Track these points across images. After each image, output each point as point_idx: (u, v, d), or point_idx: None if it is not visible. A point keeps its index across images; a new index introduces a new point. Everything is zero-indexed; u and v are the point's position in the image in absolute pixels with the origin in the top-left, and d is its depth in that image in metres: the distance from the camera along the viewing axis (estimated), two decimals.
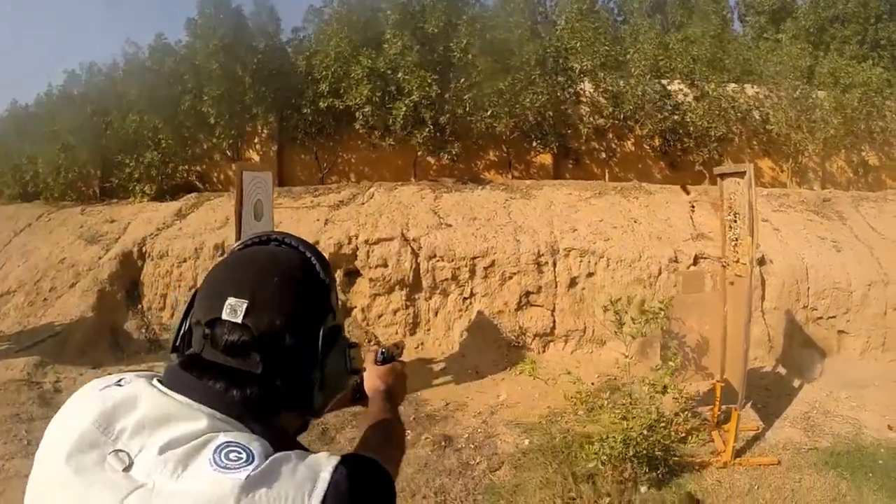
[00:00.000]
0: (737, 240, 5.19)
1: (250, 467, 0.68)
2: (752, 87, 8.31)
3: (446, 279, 7.10)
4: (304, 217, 8.02)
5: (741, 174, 4.94)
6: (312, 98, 8.66)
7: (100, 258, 7.93)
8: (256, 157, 9.90)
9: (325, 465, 0.72)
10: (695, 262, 7.01)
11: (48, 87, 10.47)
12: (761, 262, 6.87)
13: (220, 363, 0.79)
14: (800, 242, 7.27)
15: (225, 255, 0.89)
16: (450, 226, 7.47)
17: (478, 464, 4.91)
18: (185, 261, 7.72)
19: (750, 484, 4.44)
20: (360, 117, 8.30)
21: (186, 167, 9.87)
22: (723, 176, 5.33)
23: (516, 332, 6.95)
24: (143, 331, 7.46)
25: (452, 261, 7.06)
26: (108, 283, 7.59)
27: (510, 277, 7.01)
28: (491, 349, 6.92)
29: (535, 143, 8.46)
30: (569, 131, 8.39)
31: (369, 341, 7.09)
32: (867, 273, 7.01)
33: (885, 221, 7.76)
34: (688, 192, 7.99)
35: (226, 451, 0.70)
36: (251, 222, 5.40)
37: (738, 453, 4.75)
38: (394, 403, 1.18)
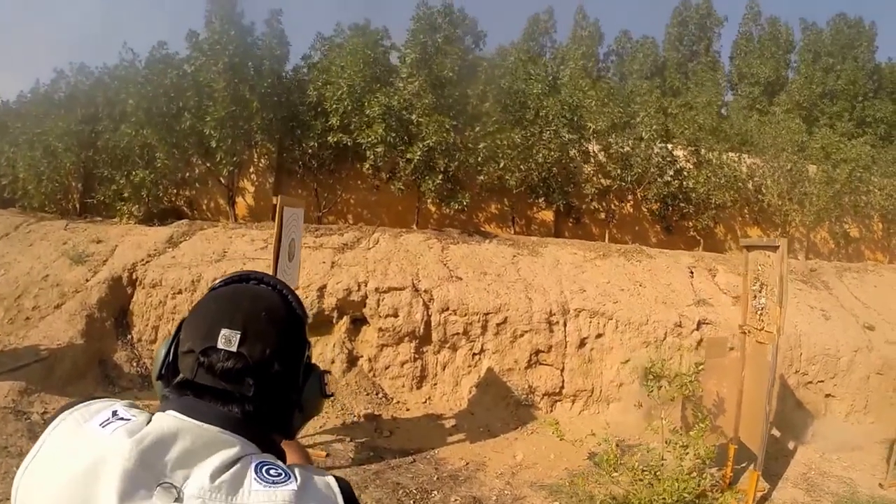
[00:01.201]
0: (762, 309, 5.59)
1: (292, 481, 0.81)
2: (748, 158, 8.91)
3: (457, 333, 7.22)
4: (309, 258, 7.98)
5: (772, 248, 5.36)
6: (321, 131, 8.61)
7: (87, 280, 7.68)
8: (251, 188, 9.77)
9: (327, 477, 0.87)
10: (697, 328, 7.42)
11: (35, 83, 10.02)
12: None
13: (212, 386, 0.88)
14: (792, 310, 7.80)
15: (209, 291, 0.98)
16: (460, 279, 7.61)
17: None
18: (179, 292, 7.57)
19: None
20: (371, 157, 8.28)
21: (175, 191, 9.64)
22: (749, 248, 5.75)
23: (525, 391, 7.13)
24: (135, 364, 7.26)
25: (465, 315, 7.20)
26: (97, 309, 7.33)
27: (521, 335, 7.21)
28: (500, 407, 7.07)
29: (539, 199, 8.73)
30: (573, 189, 8.72)
31: (377, 394, 7.11)
32: (853, 340, 7.62)
33: (867, 291, 8.45)
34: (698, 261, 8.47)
35: (264, 468, 0.81)
36: (284, 261, 5.41)
37: None
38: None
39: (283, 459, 0.91)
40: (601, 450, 6.01)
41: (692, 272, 8.17)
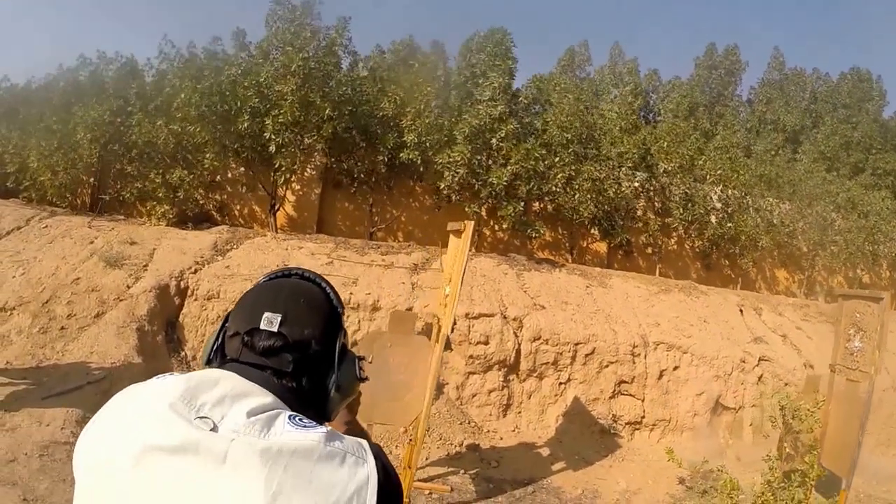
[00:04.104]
0: (857, 350, 6.58)
1: (323, 427, 0.91)
2: (784, 204, 10.09)
3: (546, 363, 7.71)
4: (385, 278, 8.17)
5: (874, 299, 6.38)
6: (392, 146, 8.80)
7: (128, 287, 7.39)
8: (291, 197, 9.74)
9: (360, 438, 0.97)
10: (758, 364, 8.38)
11: (58, 67, 9.46)
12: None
13: (257, 363, 1.00)
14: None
15: (254, 285, 1.13)
16: (543, 307, 8.11)
17: None
18: None
19: None
20: (448, 178, 8.56)
21: (208, 194, 9.43)
22: (846, 297, 6.75)
23: (609, 420, 7.76)
24: None
25: (556, 345, 7.70)
26: (147, 321, 7.13)
27: (607, 366, 7.82)
28: (586, 435, 7.62)
29: (593, 230, 9.40)
30: (633, 225, 9.50)
31: (468, 423, 7.45)
32: (881, 380, 8.91)
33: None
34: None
35: (297, 418, 0.91)
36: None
37: None
38: (353, 412, 1.40)
39: None
40: (688, 475, 6.89)
41: (741, 310, 9.17)
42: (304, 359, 1.03)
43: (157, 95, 9.23)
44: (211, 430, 0.86)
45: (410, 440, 5.76)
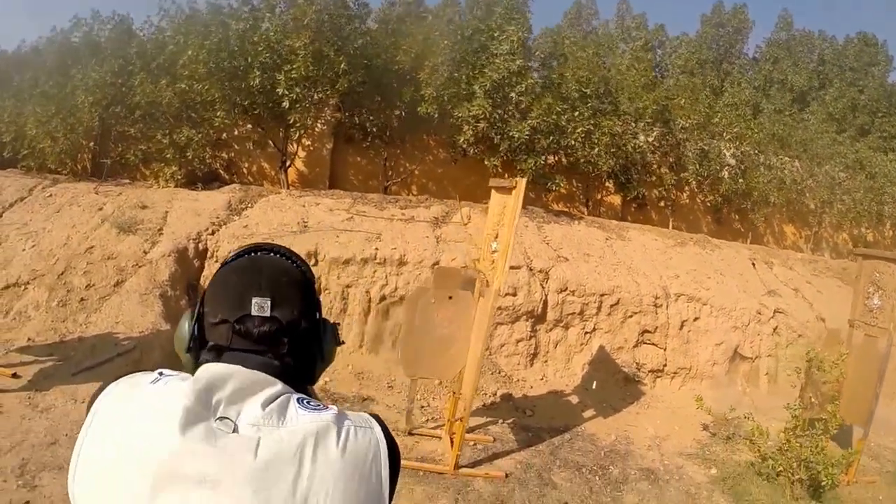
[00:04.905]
0: (876, 308, 6.86)
1: (332, 408, 0.97)
2: (795, 162, 10.35)
3: (573, 313, 7.87)
4: (408, 232, 8.20)
5: (893, 260, 6.69)
6: (409, 100, 8.72)
7: (145, 252, 7.30)
8: (302, 153, 9.66)
9: (361, 413, 1.04)
10: (773, 316, 8.65)
11: (52, 30, 9.18)
12: None
13: (249, 350, 1.01)
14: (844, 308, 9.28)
15: (222, 265, 1.12)
16: (567, 260, 8.25)
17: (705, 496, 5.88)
18: None
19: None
20: (468, 132, 8.55)
21: (215, 153, 9.30)
22: (866, 256, 7.01)
23: (633, 368, 7.98)
24: None
25: (583, 296, 7.86)
26: (170, 287, 7.07)
27: (631, 316, 8.00)
28: (611, 383, 7.81)
29: (609, 184, 9.54)
30: (649, 179, 9.67)
31: (498, 372, 7.59)
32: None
33: None
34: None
35: (304, 401, 0.96)
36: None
37: None
38: None
39: None
40: (711, 422, 7.16)
41: (753, 264, 9.43)
42: (297, 337, 1.06)
43: (159, 54, 9.00)
44: (233, 431, 0.89)
45: (454, 394, 5.88)
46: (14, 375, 5.25)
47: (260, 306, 1.02)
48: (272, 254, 1.14)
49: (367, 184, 9.74)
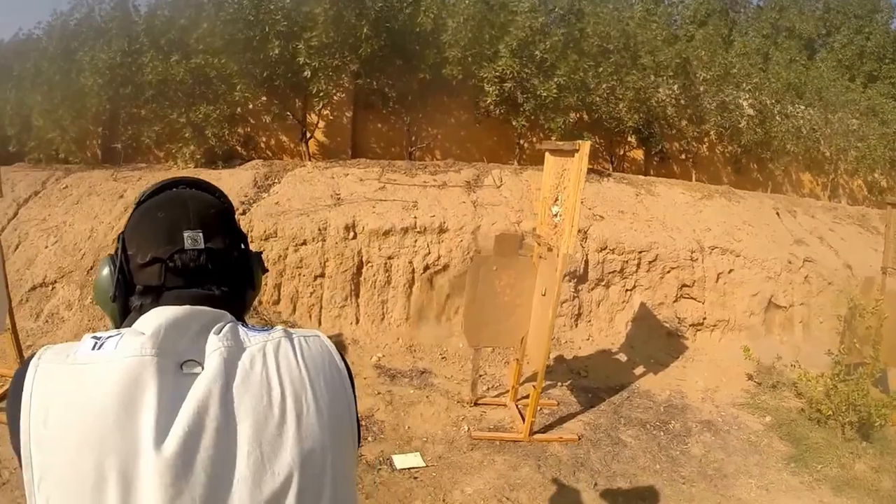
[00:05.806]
0: None
1: (278, 327, 1.01)
2: (810, 110, 10.48)
3: (613, 271, 7.96)
4: (443, 198, 8.15)
5: None
6: (433, 63, 8.54)
7: None
8: (322, 123, 9.47)
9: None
10: (802, 265, 8.84)
11: (54, 13, 8.77)
12: None
13: (187, 286, 1.02)
14: (864, 253, 9.50)
15: (137, 204, 1.13)
16: (602, 218, 8.30)
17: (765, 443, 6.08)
18: (303, 243, 7.40)
19: None
20: (493, 92, 8.44)
21: (232, 129, 9.06)
22: (894, 205, 7.18)
23: (674, 323, 8.12)
24: None
25: (622, 254, 7.94)
26: None
27: (669, 271, 8.12)
28: (653, 338, 7.96)
29: (632, 139, 9.57)
30: (671, 132, 9.72)
31: None
32: None
33: None
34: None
35: (249, 326, 1.01)
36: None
37: None
38: None
39: None
40: (755, 371, 7.38)
41: (778, 213, 9.59)
42: (228, 267, 1.08)
43: (169, 29, 8.70)
44: (200, 367, 0.90)
45: (517, 360, 5.93)
46: None
47: (193, 239, 1.03)
48: (191, 187, 1.15)
49: (389, 150, 9.62)
